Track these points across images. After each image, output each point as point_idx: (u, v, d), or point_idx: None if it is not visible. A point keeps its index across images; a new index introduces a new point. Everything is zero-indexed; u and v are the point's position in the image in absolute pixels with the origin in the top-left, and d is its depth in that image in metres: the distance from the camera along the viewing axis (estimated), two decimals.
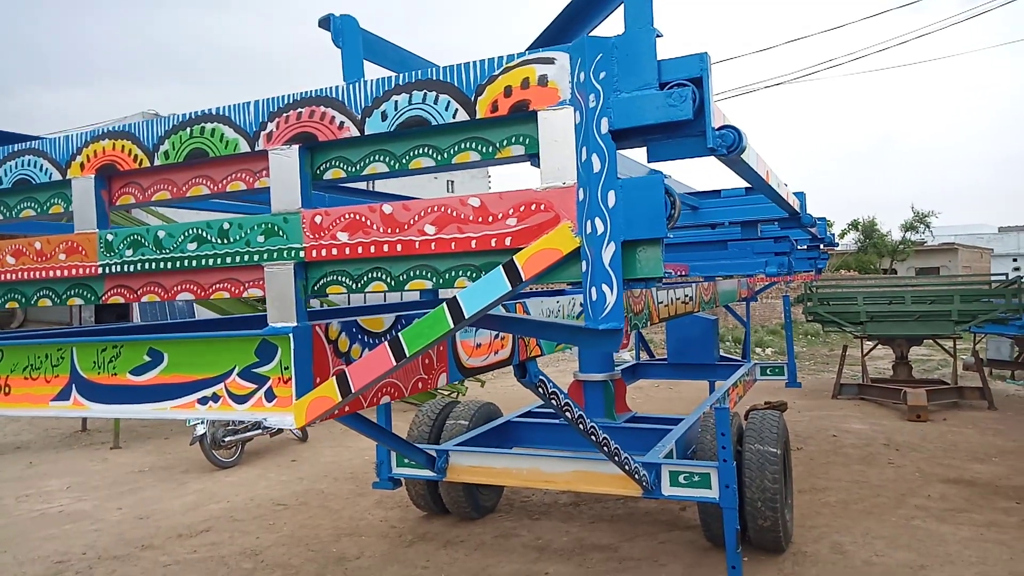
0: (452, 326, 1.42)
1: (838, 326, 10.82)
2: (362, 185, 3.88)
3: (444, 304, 1.43)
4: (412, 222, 1.48)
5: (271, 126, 1.62)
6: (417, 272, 1.52)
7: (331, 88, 1.55)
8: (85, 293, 1.92)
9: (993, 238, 54.00)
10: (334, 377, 1.55)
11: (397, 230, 1.50)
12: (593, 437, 3.35)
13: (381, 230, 1.51)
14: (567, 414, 3.12)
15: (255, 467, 7.27)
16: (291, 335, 1.59)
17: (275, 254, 1.62)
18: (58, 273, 1.91)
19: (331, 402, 1.55)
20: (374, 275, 1.57)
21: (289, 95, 1.60)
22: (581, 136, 1.31)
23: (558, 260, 1.33)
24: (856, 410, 9.85)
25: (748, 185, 3.39)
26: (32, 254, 1.95)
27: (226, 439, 7.21)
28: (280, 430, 8.13)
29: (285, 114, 1.60)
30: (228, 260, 1.69)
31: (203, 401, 1.73)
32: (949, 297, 10.15)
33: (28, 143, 1.93)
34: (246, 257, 1.66)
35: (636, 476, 3.83)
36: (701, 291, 5.77)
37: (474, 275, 1.46)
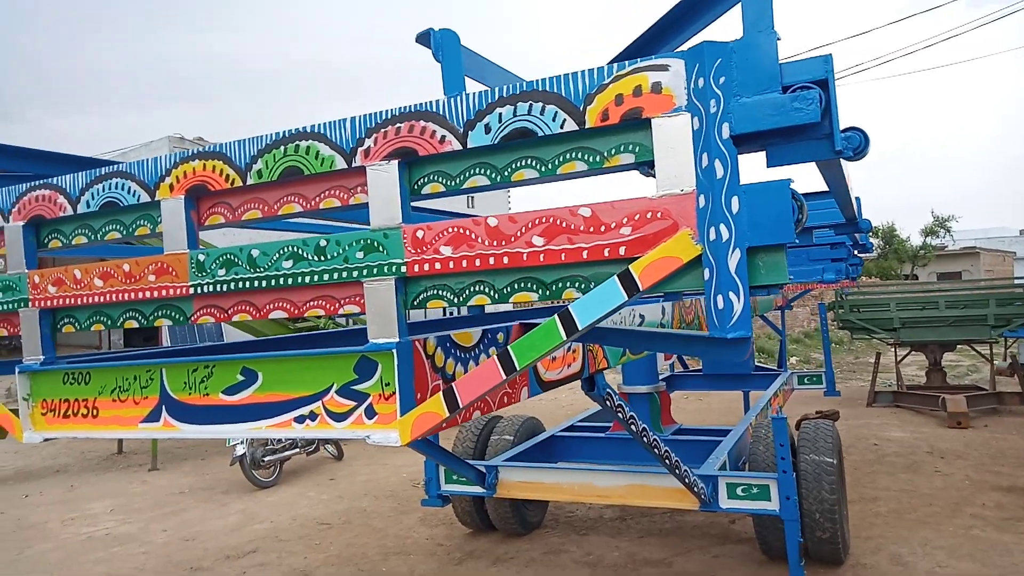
0: (564, 338, 1.41)
1: (869, 333, 10.69)
2: None
3: (556, 316, 1.42)
4: (519, 234, 1.47)
5: (369, 142, 1.62)
6: (522, 284, 1.51)
7: (432, 102, 1.55)
8: (173, 314, 1.93)
9: (1015, 241, 53.29)
10: (440, 392, 1.54)
11: (503, 242, 1.49)
12: (655, 450, 3.32)
13: (486, 243, 1.51)
14: (632, 427, 3.09)
15: (294, 486, 7.27)
16: (395, 351, 1.58)
17: (375, 270, 1.62)
18: (147, 294, 1.92)
19: (437, 418, 1.54)
20: (477, 288, 1.56)
21: (387, 111, 1.60)
22: (701, 142, 1.30)
23: (678, 268, 1.32)
24: (894, 418, 9.71)
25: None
26: (120, 276, 1.96)
27: (265, 459, 7.22)
28: (317, 448, 8.16)
29: (383, 129, 1.60)
30: (325, 277, 1.69)
31: (300, 420, 1.73)
32: (984, 301, 10.00)
33: (116, 166, 1.95)
34: (344, 274, 1.66)
35: (695, 489, 3.77)
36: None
37: (583, 286, 1.45)
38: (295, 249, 1.72)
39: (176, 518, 6.37)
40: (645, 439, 3.20)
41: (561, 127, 1.43)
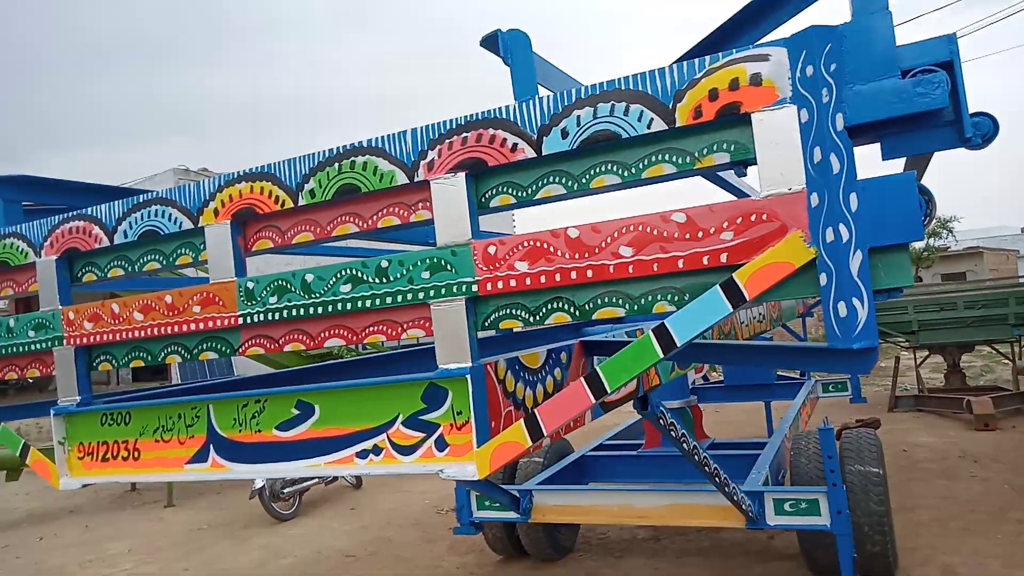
0: (661, 356, 1.30)
1: (887, 336, 10.54)
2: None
3: (650, 333, 1.31)
4: (604, 244, 1.37)
5: (432, 154, 1.52)
6: (606, 299, 1.40)
7: (501, 108, 1.46)
8: (220, 346, 1.82)
9: (1017, 239, 53.20)
10: (522, 420, 1.42)
11: (586, 255, 1.38)
12: (706, 468, 3.19)
13: (567, 256, 1.40)
14: (684, 445, 2.97)
15: (315, 518, 7.11)
16: (469, 377, 1.47)
17: (443, 290, 1.51)
18: (192, 327, 1.81)
19: (519, 448, 1.43)
20: (555, 305, 1.45)
21: (452, 120, 1.50)
22: (811, 135, 1.19)
23: (789, 275, 1.20)
24: (917, 422, 9.55)
25: None
26: (162, 308, 1.85)
27: (285, 491, 7.07)
28: (335, 478, 8.00)
29: (448, 140, 1.50)
30: (388, 300, 1.58)
31: (363, 455, 1.62)
32: (1004, 300, 9.88)
33: (155, 193, 1.85)
34: (409, 296, 1.55)
35: (743, 507, 3.64)
36: (770, 309, 5.61)
37: (676, 298, 1.34)
38: (354, 272, 1.61)
39: (198, 556, 6.21)
40: (696, 457, 3.07)
41: (648, 127, 1.33)
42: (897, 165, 1.26)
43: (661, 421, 2.69)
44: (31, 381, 17.43)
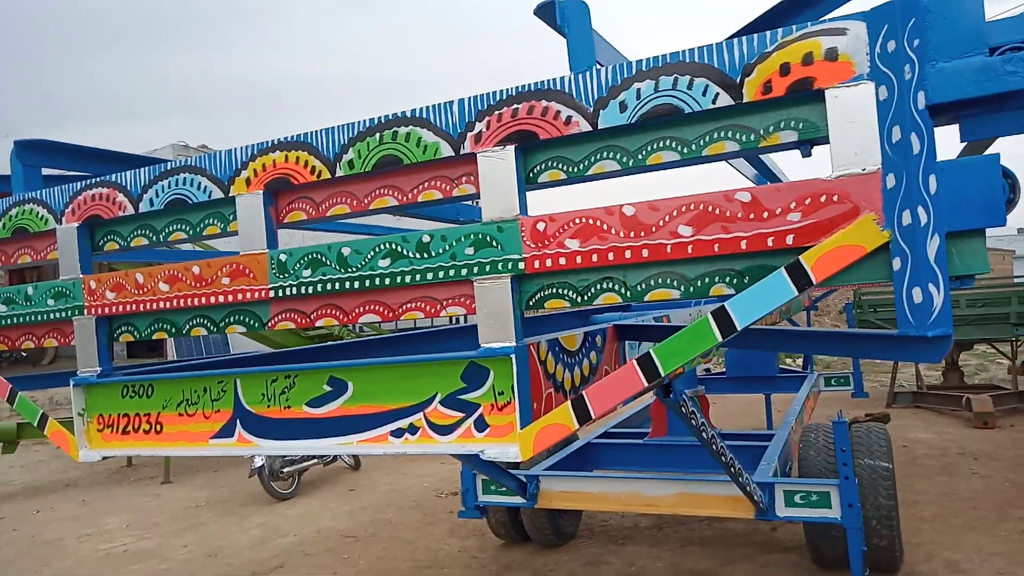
0: (720, 340, 1.25)
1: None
2: None
3: (709, 315, 1.26)
4: (662, 223, 1.32)
5: (480, 126, 1.47)
6: (660, 280, 1.36)
7: (555, 80, 1.40)
8: (248, 319, 1.77)
9: (1014, 239, 53.38)
10: (569, 402, 1.38)
11: (642, 233, 1.34)
12: (722, 457, 3.16)
13: (621, 234, 1.35)
14: (703, 434, 2.94)
15: (314, 498, 7.09)
16: (513, 356, 1.42)
17: (487, 267, 1.47)
18: (220, 299, 1.76)
19: (565, 430, 1.38)
20: (605, 286, 1.41)
21: (502, 91, 1.45)
22: (890, 114, 1.15)
23: (860, 258, 1.16)
24: (916, 419, 9.56)
25: None
26: (189, 280, 1.80)
27: (284, 470, 7.04)
28: (334, 458, 7.98)
29: (498, 112, 1.45)
30: (429, 276, 1.53)
31: (397, 433, 1.57)
32: (1006, 299, 9.88)
33: (185, 160, 1.79)
34: (451, 272, 1.50)
35: (754, 497, 3.62)
36: None
37: (735, 280, 1.30)
38: (393, 246, 1.56)
39: (195, 532, 6.18)
40: (714, 447, 3.05)
41: (713, 102, 1.28)
42: None
43: (683, 409, 2.65)
44: (24, 355, 17.31)
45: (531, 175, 1.48)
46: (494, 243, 1.46)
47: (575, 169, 1.44)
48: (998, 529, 5.01)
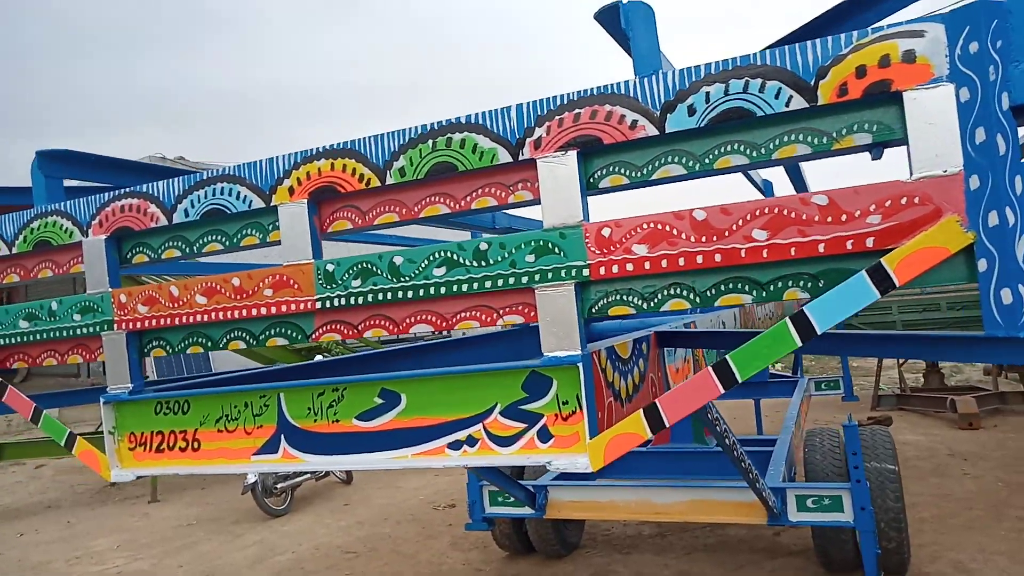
0: (799, 343, 1.24)
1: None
2: None
3: (787, 320, 1.25)
4: (735, 227, 1.31)
5: (540, 131, 1.45)
6: (732, 285, 1.34)
7: (619, 84, 1.39)
8: (290, 331, 1.73)
9: None
10: (641, 410, 1.36)
11: (714, 238, 1.32)
12: (742, 464, 3.16)
13: (692, 239, 1.34)
14: (726, 440, 2.94)
15: (308, 514, 6.98)
16: (580, 365, 1.40)
17: (549, 274, 1.45)
18: (263, 311, 1.71)
19: (636, 439, 1.37)
20: (672, 292, 1.39)
21: (562, 95, 1.43)
22: (973, 115, 1.15)
23: (943, 260, 1.16)
24: (902, 421, 9.68)
25: None
26: (229, 292, 1.75)
27: (277, 486, 6.93)
28: (327, 473, 7.87)
29: (559, 116, 1.43)
30: (487, 285, 1.50)
31: (455, 446, 1.54)
32: None
33: (223, 170, 1.75)
34: (511, 280, 1.48)
35: (769, 503, 3.62)
36: (776, 306, 5.62)
37: (808, 284, 1.29)
38: (449, 254, 1.54)
39: (190, 552, 6.05)
40: (735, 452, 3.05)
41: (786, 105, 1.27)
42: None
43: (709, 415, 2.65)
44: (13, 370, 16.88)
45: (591, 180, 1.46)
46: (556, 250, 1.44)
47: (638, 174, 1.42)
48: (997, 528, 5.07)
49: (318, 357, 8.73)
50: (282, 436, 1.71)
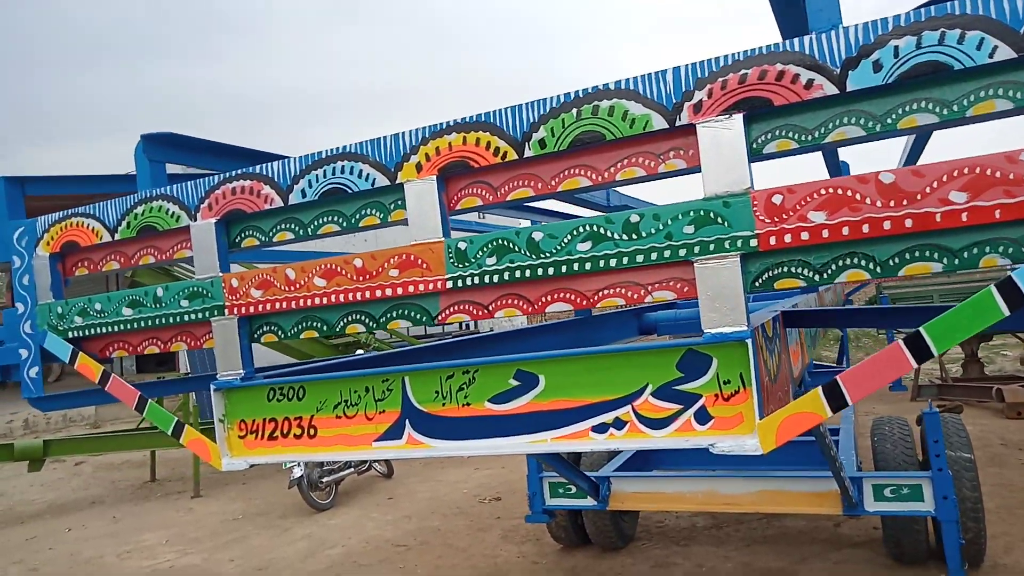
0: (1006, 314, 1.15)
1: (912, 326, 10.49)
2: None
3: (992, 287, 1.16)
4: (928, 190, 1.22)
5: (700, 94, 1.36)
6: (919, 253, 1.25)
7: (791, 42, 1.30)
8: (413, 313, 1.66)
9: None
10: (820, 388, 1.28)
11: (904, 202, 1.23)
12: (830, 452, 3.07)
13: (878, 204, 1.25)
14: (819, 427, 2.84)
15: (353, 507, 6.95)
16: (749, 342, 1.32)
17: (711, 246, 1.36)
18: (388, 292, 1.64)
19: (815, 419, 1.28)
20: (849, 261, 1.30)
21: (726, 56, 1.35)
22: None
23: None
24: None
25: None
26: (350, 273, 1.69)
27: (323, 480, 6.90)
28: (369, 467, 7.83)
29: (722, 78, 1.35)
30: (639, 259, 1.42)
31: (600, 429, 1.46)
32: None
33: (343, 147, 1.68)
34: (666, 253, 1.40)
35: (849, 492, 3.52)
36: (819, 297, 5.51)
37: (1010, 250, 1.20)
38: (596, 228, 1.46)
39: (240, 546, 6.04)
40: (825, 439, 2.95)
41: (989, 56, 1.18)
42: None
43: None
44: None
45: (753, 146, 1.38)
46: (720, 219, 1.35)
47: (808, 137, 1.33)
48: None
49: (359, 352, 8.71)
50: (407, 421, 1.65)
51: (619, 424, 1.45)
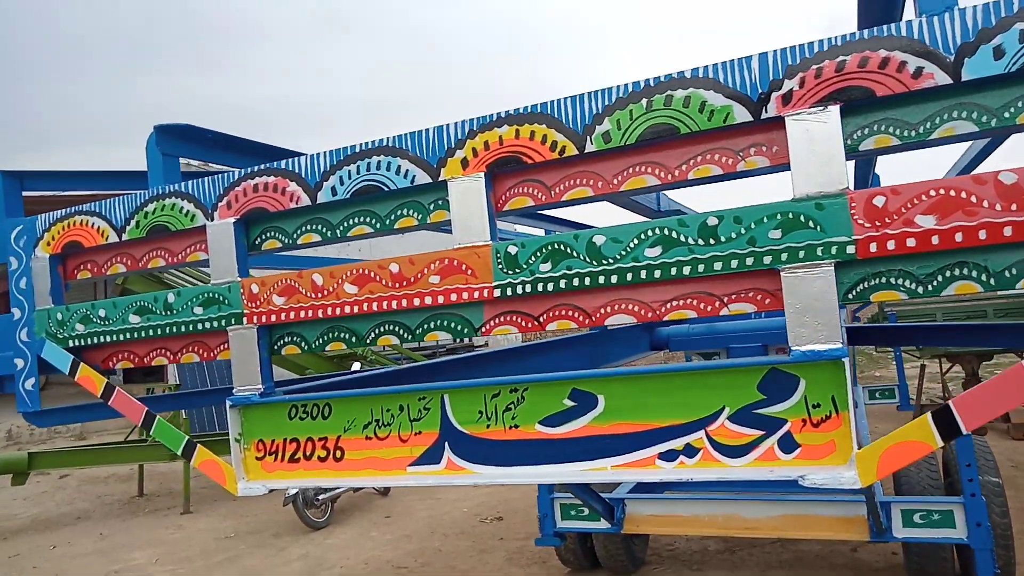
0: None
1: (916, 344, 10.42)
2: None
3: None
4: None
5: (791, 83, 1.23)
6: None
7: (900, 26, 1.16)
8: (454, 324, 1.51)
9: None
10: (929, 415, 1.13)
11: None
12: None
13: (998, 207, 1.11)
14: None
15: (351, 526, 6.75)
16: (845, 361, 1.17)
17: (801, 252, 1.22)
18: (428, 301, 1.49)
19: (921, 450, 1.14)
20: (958, 272, 1.16)
21: (820, 41, 1.21)
22: None
23: None
24: None
25: None
26: (385, 279, 1.53)
27: (319, 498, 6.70)
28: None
29: (816, 66, 1.21)
30: (717, 266, 1.28)
31: (668, 456, 1.31)
32: None
33: (379, 141, 1.53)
34: (748, 260, 1.25)
35: (879, 517, 3.37)
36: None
37: None
38: (667, 232, 1.31)
39: (234, 566, 5.82)
40: None
41: None
42: None
43: None
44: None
45: (848, 143, 1.24)
46: (811, 223, 1.21)
47: (913, 133, 1.20)
48: None
49: (356, 365, 8.50)
50: (446, 444, 1.49)
51: (690, 451, 1.30)
